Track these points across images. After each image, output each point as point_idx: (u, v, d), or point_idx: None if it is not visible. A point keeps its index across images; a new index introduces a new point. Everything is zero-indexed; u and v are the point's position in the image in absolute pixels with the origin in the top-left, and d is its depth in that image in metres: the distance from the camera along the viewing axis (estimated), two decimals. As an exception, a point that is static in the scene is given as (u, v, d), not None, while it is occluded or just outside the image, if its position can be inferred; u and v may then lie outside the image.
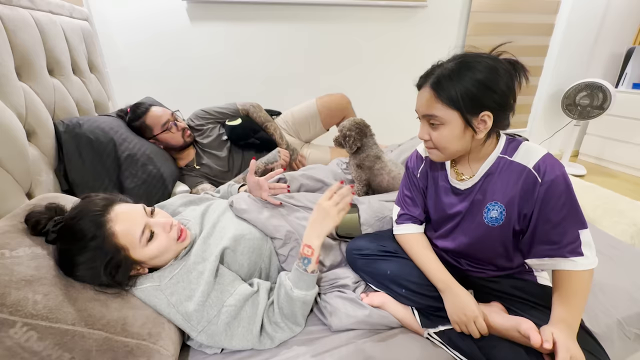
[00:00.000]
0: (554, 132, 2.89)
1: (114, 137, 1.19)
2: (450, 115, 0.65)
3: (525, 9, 2.47)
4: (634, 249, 1.05)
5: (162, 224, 0.74)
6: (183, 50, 1.96)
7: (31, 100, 0.97)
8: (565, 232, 0.66)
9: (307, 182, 1.22)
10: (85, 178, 1.11)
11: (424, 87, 0.67)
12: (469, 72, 0.62)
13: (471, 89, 0.62)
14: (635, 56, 2.65)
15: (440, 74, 0.65)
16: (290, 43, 2.12)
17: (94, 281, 0.65)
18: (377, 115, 2.44)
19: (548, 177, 0.64)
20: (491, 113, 0.64)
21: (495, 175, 0.71)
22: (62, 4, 1.31)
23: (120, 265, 0.67)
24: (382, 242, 0.88)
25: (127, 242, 0.68)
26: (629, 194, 1.96)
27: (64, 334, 0.54)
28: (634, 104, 2.57)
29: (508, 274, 0.79)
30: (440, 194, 0.81)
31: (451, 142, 0.68)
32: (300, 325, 0.77)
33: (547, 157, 0.66)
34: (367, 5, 2.14)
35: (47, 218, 0.67)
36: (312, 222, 0.81)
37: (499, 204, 0.70)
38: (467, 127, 0.65)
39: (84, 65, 1.42)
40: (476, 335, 0.68)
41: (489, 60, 0.64)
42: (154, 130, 1.39)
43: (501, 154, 0.71)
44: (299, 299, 0.74)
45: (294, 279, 0.76)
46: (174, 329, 0.70)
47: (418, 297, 0.78)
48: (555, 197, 0.65)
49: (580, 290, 0.65)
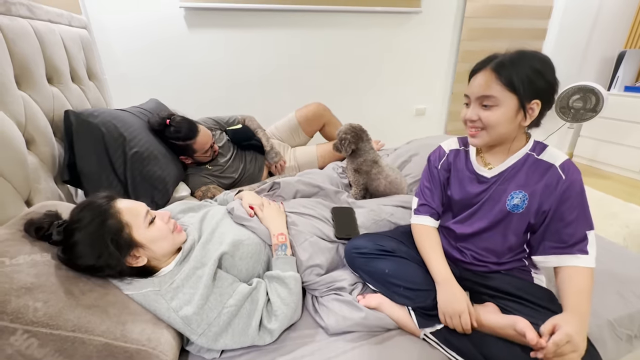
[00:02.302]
0: (548, 135, 2.92)
1: (125, 133, 1.21)
2: (506, 97, 0.70)
3: (519, 14, 2.51)
4: (625, 251, 1.07)
5: (160, 214, 0.81)
6: (181, 57, 1.97)
7: (30, 108, 0.99)
8: (575, 231, 0.71)
9: (304, 188, 1.23)
10: (93, 169, 1.14)
11: (483, 70, 0.73)
12: (527, 60, 0.70)
13: (530, 74, 0.68)
14: (626, 59, 2.69)
15: (502, 59, 0.71)
16: (286, 49, 2.14)
17: (97, 261, 0.67)
18: (373, 120, 2.47)
19: (570, 177, 0.72)
20: (540, 102, 0.70)
21: (522, 168, 0.78)
22: (60, 13, 1.32)
23: (123, 243, 0.70)
24: (380, 242, 0.90)
25: (130, 220, 0.73)
26: (623, 196, 1.99)
27: (64, 340, 0.55)
28: (626, 107, 2.61)
29: (506, 271, 0.82)
30: (465, 182, 0.86)
31: (501, 123, 0.73)
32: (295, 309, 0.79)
33: (571, 162, 0.75)
34: (362, 11, 2.17)
35: (49, 222, 0.69)
36: (272, 217, 0.96)
37: (523, 192, 0.76)
38: (519, 110, 0.71)
39: (83, 73, 1.43)
40: (459, 330, 0.72)
41: (543, 56, 0.71)
42: (198, 153, 1.45)
43: (530, 151, 0.78)
44: (291, 276, 0.82)
45: (280, 265, 0.85)
46: (173, 335, 0.71)
47: (415, 294, 0.80)
48: (573, 197, 0.71)
49: (584, 286, 0.69)
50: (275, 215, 0.97)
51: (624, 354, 0.84)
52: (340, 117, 1.91)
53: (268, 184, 1.29)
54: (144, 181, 1.23)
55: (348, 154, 1.25)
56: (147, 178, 1.23)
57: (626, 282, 0.92)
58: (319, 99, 1.84)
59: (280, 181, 1.27)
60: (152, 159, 1.26)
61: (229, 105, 1.69)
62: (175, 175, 1.39)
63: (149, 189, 1.24)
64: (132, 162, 1.20)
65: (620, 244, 1.13)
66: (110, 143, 1.17)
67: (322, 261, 0.92)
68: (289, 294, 0.79)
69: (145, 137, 1.29)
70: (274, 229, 0.93)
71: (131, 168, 1.20)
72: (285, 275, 0.82)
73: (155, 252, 0.76)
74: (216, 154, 1.55)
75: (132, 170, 1.20)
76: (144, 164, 1.23)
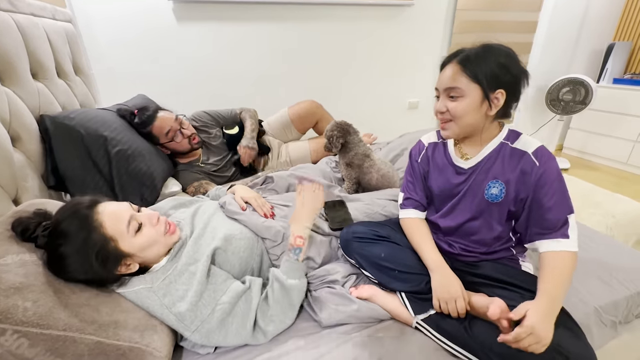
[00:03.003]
0: (538, 127, 2.96)
1: (105, 132, 1.18)
2: (471, 88, 0.73)
3: (510, 7, 2.51)
4: (611, 240, 1.09)
5: (148, 216, 0.76)
6: (170, 51, 1.94)
7: (15, 105, 0.96)
8: (555, 216, 0.72)
9: (295, 182, 1.23)
10: (76, 172, 1.11)
11: (450, 64, 0.76)
12: (492, 55, 0.73)
13: (493, 67, 0.72)
14: (615, 52, 2.73)
15: (468, 53, 0.75)
16: (278, 43, 2.12)
17: (86, 275, 0.65)
18: (366, 113, 2.48)
19: (544, 163, 0.74)
20: (505, 92, 0.73)
21: (498, 157, 0.79)
22: (44, 6, 1.29)
23: (109, 257, 0.68)
24: (375, 228, 0.93)
25: (115, 233, 0.69)
26: (611, 186, 2.03)
27: (55, 339, 0.54)
28: (615, 99, 2.65)
29: (495, 260, 0.84)
30: (444, 173, 0.87)
31: (467, 113, 0.75)
32: (292, 317, 0.79)
33: (544, 148, 0.76)
34: (354, 4, 2.15)
35: (36, 223, 0.67)
36: (296, 214, 0.91)
37: (500, 182, 0.78)
38: (483, 100, 0.74)
39: (69, 67, 1.40)
40: (454, 314, 0.73)
41: (509, 50, 0.74)
42: (160, 139, 1.42)
43: (504, 140, 0.80)
44: (295, 287, 0.78)
45: (287, 270, 0.80)
46: (166, 331, 0.71)
47: (409, 277, 0.82)
48: (549, 183, 0.72)
49: (563, 269, 0.69)
50: (305, 217, 0.89)
51: (609, 339, 0.87)
52: (333, 110, 1.91)
53: (261, 178, 1.29)
54: (131, 179, 1.21)
55: (338, 149, 1.26)
56: (134, 175, 1.22)
57: (611, 270, 0.94)
58: (311, 92, 1.83)
59: (273, 175, 1.26)
60: (136, 156, 1.24)
61: (219, 99, 1.67)
62: (163, 170, 1.37)
63: (137, 187, 1.23)
64: (117, 160, 1.18)
65: (606, 233, 1.16)
66: (91, 144, 1.14)
67: (316, 254, 0.93)
68: (289, 307, 0.78)
69: (128, 134, 1.27)
70: (295, 229, 0.87)
71: (116, 167, 1.18)
72: (289, 286, 0.77)
73: (146, 258, 0.74)
74: (195, 142, 1.50)
75: (117, 169, 1.18)
76: (128, 161, 1.21)
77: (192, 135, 1.50)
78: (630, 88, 2.58)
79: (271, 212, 1.00)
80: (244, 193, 1.04)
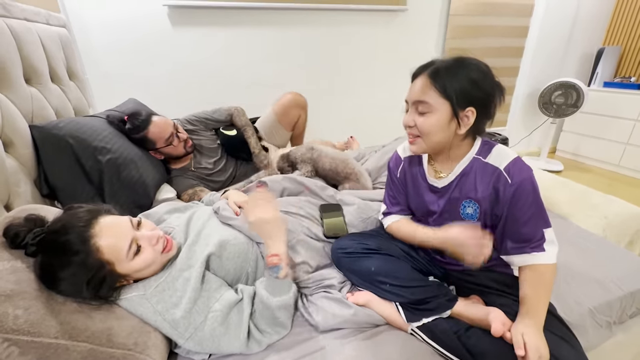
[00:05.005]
0: (531, 130, 3.00)
1: (94, 141, 1.15)
2: (440, 104, 0.69)
3: (501, 12, 2.56)
4: (604, 241, 1.10)
5: (148, 238, 0.73)
6: (165, 56, 1.94)
7: (7, 110, 0.95)
8: (530, 230, 0.71)
9: (290, 186, 1.23)
10: (66, 182, 1.09)
11: (421, 76, 0.72)
12: (464, 69, 0.69)
13: (464, 83, 0.68)
14: (605, 56, 2.78)
15: (439, 66, 0.70)
16: (272, 48, 2.13)
17: (77, 296, 0.64)
18: (361, 117, 2.49)
19: (517, 179, 0.70)
20: (475, 110, 0.69)
21: (470, 175, 0.76)
22: (37, 11, 1.28)
23: (105, 280, 0.66)
24: (364, 241, 0.91)
25: (112, 257, 0.67)
26: (603, 188, 2.05)
27: (47, 347, 0.53)
28: (606, 102, 2.70)
29: (487, 267, 0.83)
30: (420, 192, 0.85)
31: (435, 131, 0.72)
32: (286, 328, 0.78)
33: (517, 161, 0.72)
34: (348, 9, 2.17)
35: (27, 230, 0.66)
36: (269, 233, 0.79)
37: (473, 202, 0.75)
38: (452, 118, 0.70)
39: (63, 72, 1.39)
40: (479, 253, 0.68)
41: (482, 66, 0.70)
42: (157, 144, 1.38)
43: (476, 155, 0.76)
44: (278, 306, 0.74)
45: (269, 287, 0.76)
46: (160, 338, 0.70)
47: (401, 290, 0.81)
48: (523, 198, 0.70)
49: (541, 283, 0.70)
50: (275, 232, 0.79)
51: (604, 340, 0.87)
52: (327, 114, 1.92)
53: (254, 182, 1.29)
54: (123, 187, 1.19)
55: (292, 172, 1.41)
56: (126, 183, 1.20)
57: (605, 271, 0.95)
58: (306, 97, 1.83)
59: (267, 180, 1.27)
60: (128, 163, 1.21)
61: (214, 104, 1.66)
62: (156, 177, 1.35)
63: (130, 195, 1.20)
64: (108, 169, 1.16)
65: (599, 234, 1.17)
66: (81, 153, 1.11)
67: (310, 259, 0.93)
68: (277, 324, 0.76)
69: (119, 141, 1.24)
70: (271, 247, 0.78)
71: (108, 175, 1.16)
72: (272, 305, 0.73)
73: (141, 276, 0.74)
74: (189, 146, 1.48)
75: (109, 177, 1.16)
76: (120, 169, 1.18)
77: (187, 139, 1.48)
78: (621, 91, 2.63)
79: None
80: (237, 198, 1.04)
